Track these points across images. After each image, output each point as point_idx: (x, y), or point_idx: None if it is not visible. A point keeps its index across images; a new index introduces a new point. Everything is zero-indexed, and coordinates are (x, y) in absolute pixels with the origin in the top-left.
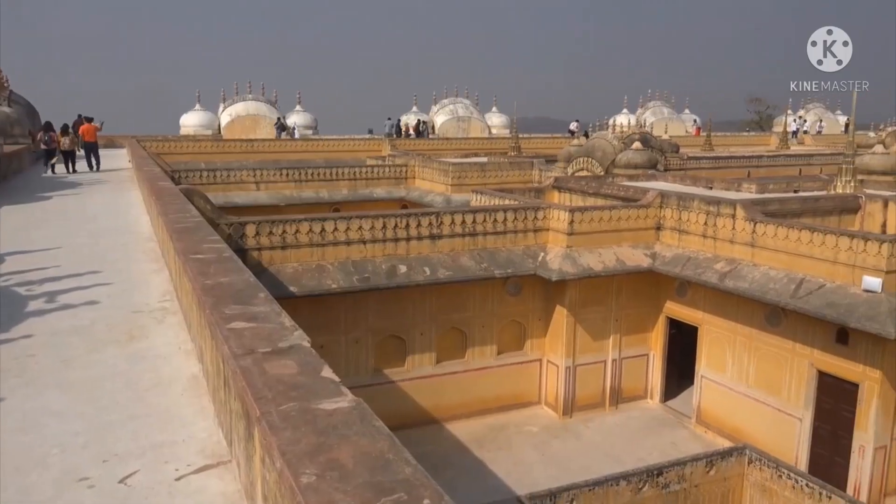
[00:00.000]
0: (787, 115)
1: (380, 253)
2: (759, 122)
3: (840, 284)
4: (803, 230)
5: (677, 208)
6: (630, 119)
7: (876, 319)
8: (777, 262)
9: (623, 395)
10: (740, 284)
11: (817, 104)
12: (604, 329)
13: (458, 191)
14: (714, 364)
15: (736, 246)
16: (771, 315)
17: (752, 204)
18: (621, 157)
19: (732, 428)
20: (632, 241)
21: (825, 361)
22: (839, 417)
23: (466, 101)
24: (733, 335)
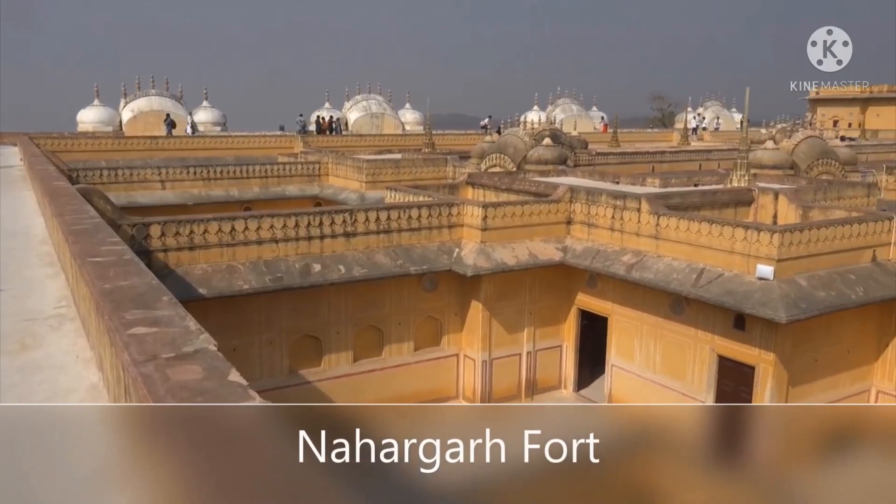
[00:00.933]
0: (687, 113)
1: (293, 252)
2: (661, 119)
3: (737, 273)
4: (703, 222)
5: (586, 203)
6: (541, 116)
7: (769, 305)
8: (680, 253)
9: (538, 386)
10: (646, 275)
11: (714, 102)
12: (518, 322)
13: (373, 188)
14: (623, 352)
15: (641, 238)
16: (675, 304)
17: (655, 198)
18: (532, 154)
19: None
20: (544, 236)
21: (725, 346)
22: (738, 398)
23: (379, 98)
24: (640, 324)
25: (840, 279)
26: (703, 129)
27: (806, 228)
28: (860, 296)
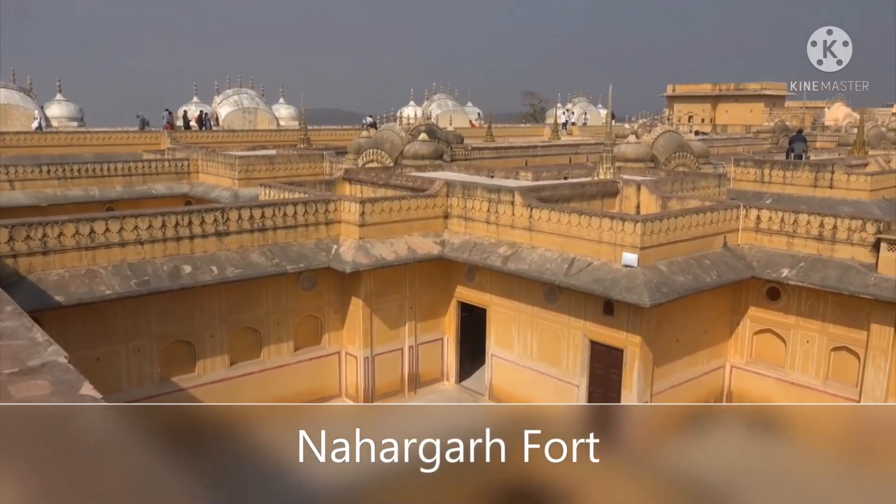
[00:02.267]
0: (556, 109)
1: (160, 253)
2: (533, 114)
3: (605, 261)
4: (573, 214)
5: (462, 197)
6: (417, 111)
7: (634, 291)
8: (552, 243)
9: (421, 379)
10: (521, 266)
11: (582, 99)
12: (399, 317)
13: (247, 185)
14: (502, 342)
15: (516, 231)
16: (549, 293)
17: (528, 191)
18: (409, 149)
19: (521, 400)
20: (422, 230)
21: (596, 332)
22: (609, 381)
23: (252, 92)
24: (517, 314)
25: (696, 264)
26: (572, 125)
27: (665, 218)
28: (714, 279)
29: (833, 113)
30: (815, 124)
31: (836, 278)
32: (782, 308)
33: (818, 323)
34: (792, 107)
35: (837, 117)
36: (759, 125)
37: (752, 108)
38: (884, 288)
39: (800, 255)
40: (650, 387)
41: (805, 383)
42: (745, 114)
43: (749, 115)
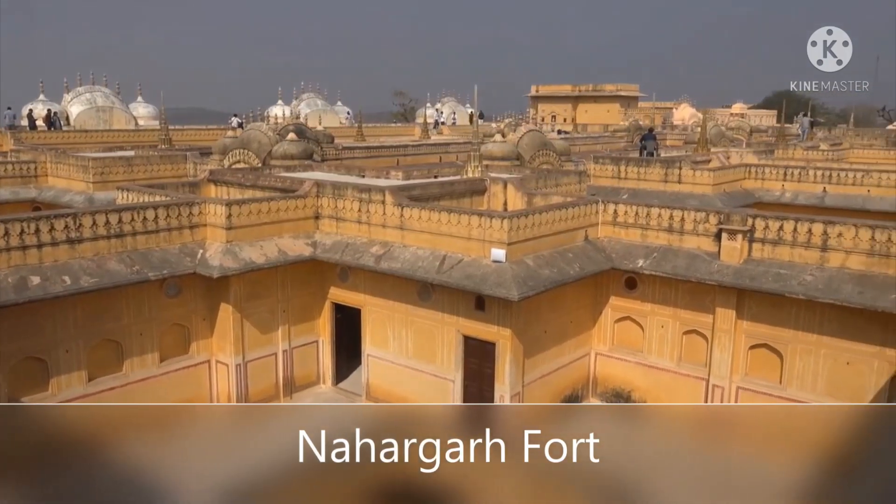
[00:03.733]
0: (426, 108)
1: (4, 264)
2: (403, 114)
3: (475, 258)
4: (443, 212)
5: (333, 197)
6: (285, 111)
7: (503, 285)
8: (424, 242)
9: (297, 383)
10: (394, 265)
11: (451, 98)
12: (272, 321)
13: (103, 188)
14: (378, 342)
15: (388, 230)
16: (422, 291)
17: (399, 190)
18: (277, 149)
19: (399, 398)
20: (292, 232)
21: (469, 327)
22: (483, 374)
23: (106, 90)
24: (392, 313)
25: (560, 257)
26: (441, 124)
27: (531, 214)
28: (577, 271)
29: (680, 113)
30: (664, 123)
31: (684, 267)
32: (639, 296)
33: (671, 309)
34: (644, 107)
35: (684, 117)
36: (616, 124)
37: (609, 109)
38: (725, 274)
39: (653, 246)
40: (521, 378)
41: (661, 366)
42: (602, 113)
43: (606, 115)
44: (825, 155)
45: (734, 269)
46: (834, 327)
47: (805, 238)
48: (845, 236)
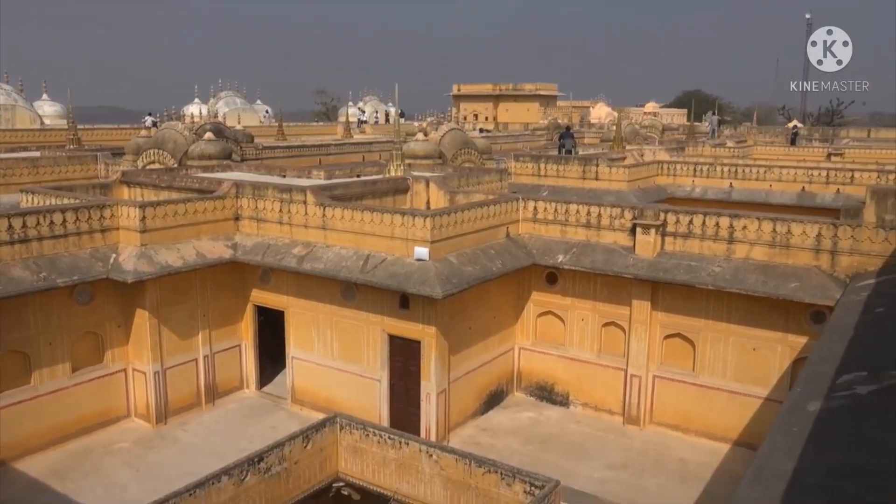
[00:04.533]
0: (348, 107)
1: None
2: (326, 112)
3: (398, 256)
4: (365, 211)
5: (253, 197)
6: (202, 109)
7: (427, 283)
8: (347, 241)
9: (219, 389)
10: (317, 266)
11: (373, 97)
12: (192, 326)
13: (5, 191)
14: (302, 344)
15: (310, 230)
16: (346, 291)
17: (321, 190)
18: (194, 149)
19: (325, 400)
20: (211, 234)
21: (394, 325)
22: (409, 373)
23: (7, 87)
24: (316, 314)
25: (483, 254)
26: (364, 123)
27: (453, 212)
28: (500, 267)
29: (597, 111)
30: (582, 122)
31: (602, 261)
32: (560, 291)
33: (590, 302)
34: (563, 106)
35: (600, 116)
36: (536, 123)
37: (529, 107)
38: (640, 267)
39: (572, 242)
40: (447, 375)
41: (582, 358)
42: (523, 112)
43: (526, 114)
44: (732, 152)
45: (648, 263)
46: (741, 315)
47: (713, 231)
48: (749, 229)
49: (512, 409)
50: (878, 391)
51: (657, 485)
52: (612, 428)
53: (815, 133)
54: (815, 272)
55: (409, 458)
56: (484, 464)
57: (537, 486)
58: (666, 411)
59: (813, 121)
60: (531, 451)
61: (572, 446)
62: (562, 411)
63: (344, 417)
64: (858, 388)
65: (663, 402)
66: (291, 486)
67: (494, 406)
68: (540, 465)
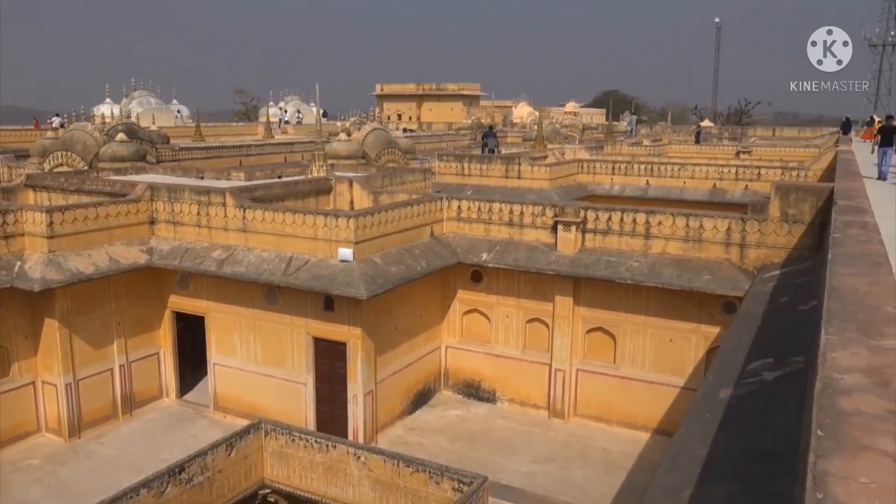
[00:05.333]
0: (269, 107)
1: None
2: (246, 112)
3: (322, 258)
4: (287, 213)
5: (169, 200)
6: (114, 109)
7: (351, 284)
8: (268, 244)
9: (137, 399)
10: (238, 269)
11: (294, 97)
12: (106, 335)
13: None
14: (224, 349)
15: (230, 233)
16: (269, 294)
17: (240, 191)
18: (106, 150)
19: (249, 406)
20: (125, 238)
21: (318, 328)
22: (335, 375)
23: None
24: (238, 319)
25: (408, 254)
26: (286, 123)
27: (377, 212)
28: (424, 267)
29: (519, 111)
30: (505, 121)
31: (525, 258)
32: (485, 289)
33: (514, 299)
34: (485, 105)
35: (522, 115)
36: (459, 123)
37: (453, 107)
38: (562, 264)
39: (496, 240)
40: (374, 376)
41: (508, 354)
42: (446, 112)
43: (450, 113)
44: (648, 150)
45: (570, 259)
46: (658, 308)
47: (631, 228)
48: (664, 225)
49: (440, 407)
50: (783, 377)
51: (582, 476)
52: (537, 422)
53: (724, 132)
54: (726, 265)
55: (337, 461)
56: (412, 463)
57: (465, 482)
58: (589, 404)
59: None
60: (459, 449)
61: (499, 442)
62: (489, 408)
63: (269, 423)
64: (765, 374)
65: (586, 395)
66: (215, 496)
67: (422, 405)
68: (468, 461)
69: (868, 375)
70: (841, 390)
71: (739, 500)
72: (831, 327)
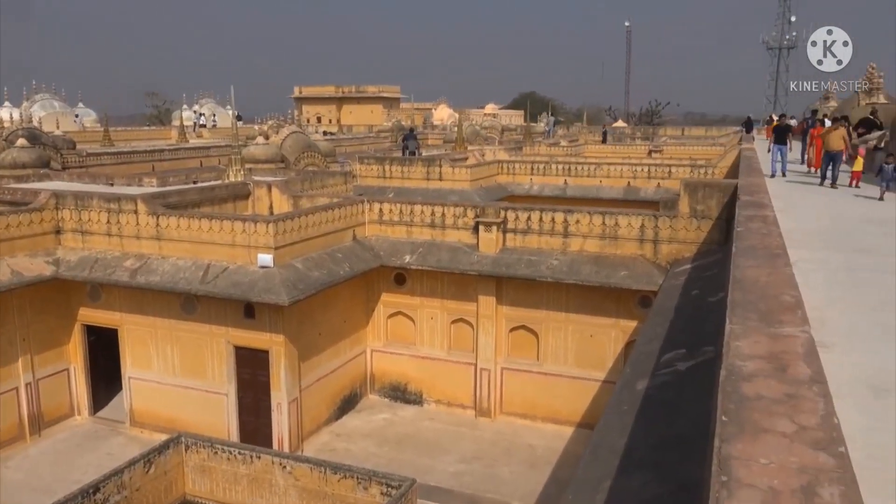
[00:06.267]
0: (182, 110)
1: None
2: (158, 116)
3: (241, 265)
4: (203, 219)
5: (76, 209)
6: (13, 113)
7: (272, 291)
8: (184, 251)
9: (46, 418)
10: (152, 279)
11: (209, 99)
12: (9, 352)
13: None
14: (140, 363)
15: (143, 241)
16: (186, 303)
17: (153, 198)
18: (5, 157)
19: (168, 420)
20: (28, 250)
21: (239, 336)
22: (258, 384)
23: None
24: (154, 330)
25: (330, 258)
26: (201, 127)
27: (297, 216)
28: (347, 271)
29: (439, 113)
30: (425, 123)
31: (448, 259)
32: (409, 291)
33: (439, 300)
34: (406, 108)
35: (443, 117)
36: (380, 125)
37: (373, 110)
38: (484, 264)
39: (418, 242)
40: (298, 383)
41: (433, 356)
42: (367, 114)
43: (370, 116)
44: (565, 150)
45: (492, 259)
46: (578, 305)
47: (550, 226)
48: (582, 223)
49: (366, 411)
50: (695, 366)
51: (509, 472)
52: (464, 422)
53: (637, 132)
54: (641, 261)
55: (262, 471)
56: (339, 470)
57: (394, 486)
58: (514, 401)
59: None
60: (387, 453)
61: (427, 443)
62: (416, 410)
63: (189, 436)
64: (679, 364)
65: (511, 393)
66: None
67: (349, 410)
68: (396, 465)
69: (768, 361)
70: (743, 377)
71: (655, 487)
72: (735, 317)
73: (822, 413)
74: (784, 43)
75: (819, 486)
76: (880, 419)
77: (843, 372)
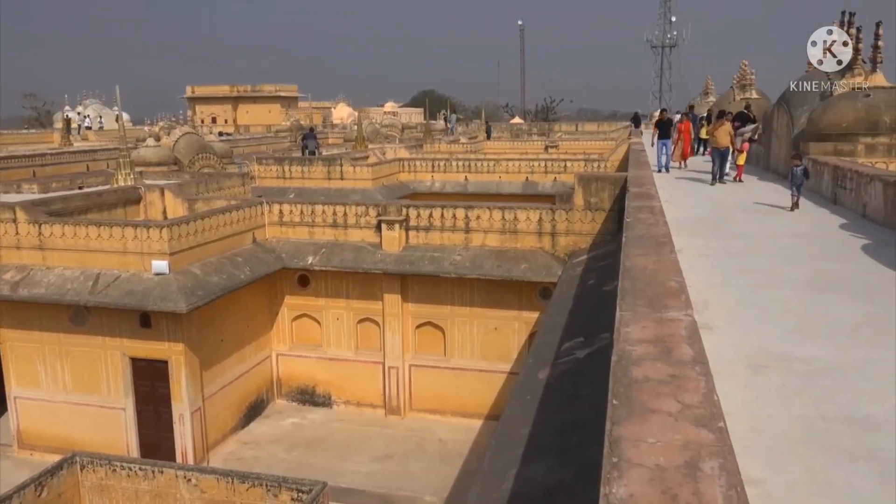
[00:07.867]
0: (66, 111)
1: None
2: (38, 118)
3: (134, 272)
4: (90, 226)
5: None
6: None
7: (169, 298)
8: (71, 261)
9: None
10: (36, 291)
11: (94, 100)
12: None
13: None
14: (27, 380)
15: (24, 251)
16: (75, 315)
17: (34, 205)
18: None
19: (61, 440)
20: None
21: (135, 347)
22: (157, 396)
23: None
24: (41, 345)
25: (229, 262)
26: (87, 129)
27: (193, 220)
28: (248, 275)
29: (338, 112)
30: (325, 123)
31: (351, 259)
32: (313, 292)
33: (344, 301)
34: (304, 107)
35: (342, 116)
36: (278, 125)
37: (271, 109)
38: (388, 262)
39: (321, 243)
40: (201, 392)
41: (341, 356)
42: (264, 114)
43: (268, 116)
44: (465, 147)
45: (395, 257)
46: (482, 299)
47: (451, 223)
48: (483, 218)
49: (274, 417)
50: (592, 353)
51: (421, 468)
52: (375, 421)
53: (533, 128)
54: (540, 253)
55: (165, 486)
56: (247, 479)
57: (304, 491)
58: (424, 398)
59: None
60: (297, 457)
61: (338, 445)
62: (325, 412)
63: (85, 455)
64: (577, 352)
65: (421, 389)
66: None
67: (256, 417)
68: (307, 469)
69: (655, 345)
70: (632, 361)
71: (559, 470)
72: (625, 304)
73: (704, 391)
74: (666, 41)
75: (701, 461)
76: (759, 394)
77: (725, 351)
